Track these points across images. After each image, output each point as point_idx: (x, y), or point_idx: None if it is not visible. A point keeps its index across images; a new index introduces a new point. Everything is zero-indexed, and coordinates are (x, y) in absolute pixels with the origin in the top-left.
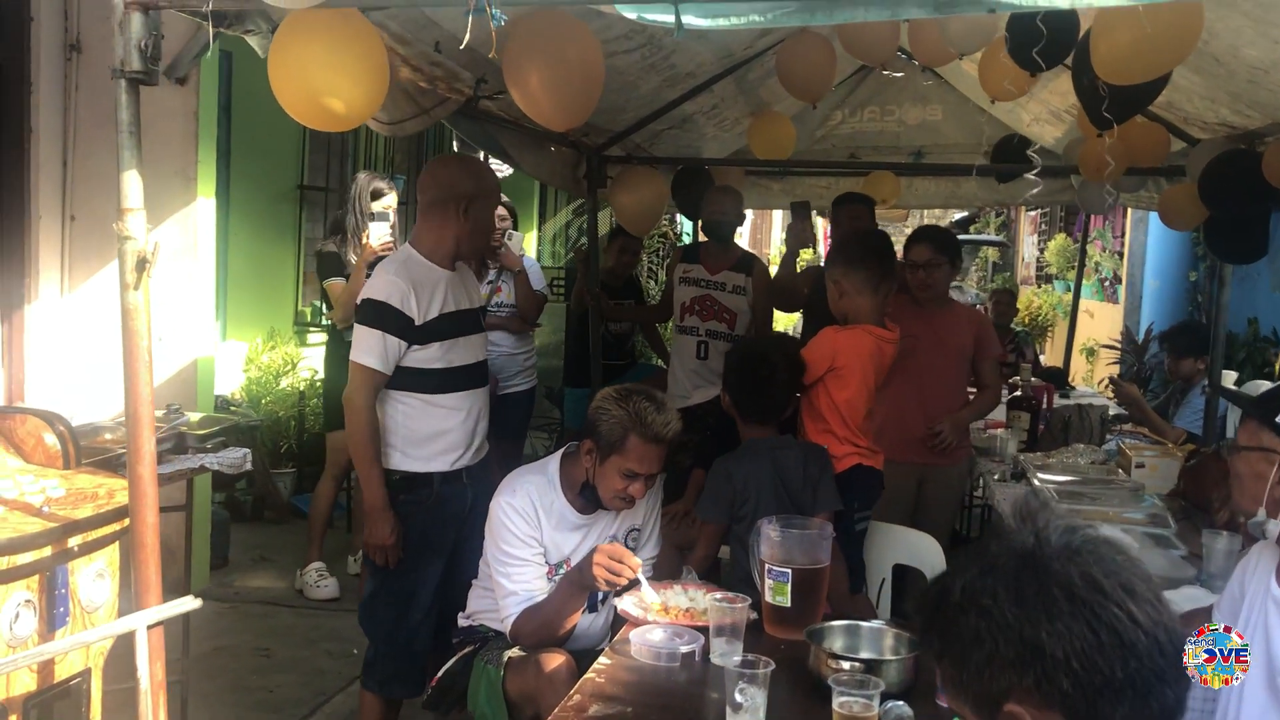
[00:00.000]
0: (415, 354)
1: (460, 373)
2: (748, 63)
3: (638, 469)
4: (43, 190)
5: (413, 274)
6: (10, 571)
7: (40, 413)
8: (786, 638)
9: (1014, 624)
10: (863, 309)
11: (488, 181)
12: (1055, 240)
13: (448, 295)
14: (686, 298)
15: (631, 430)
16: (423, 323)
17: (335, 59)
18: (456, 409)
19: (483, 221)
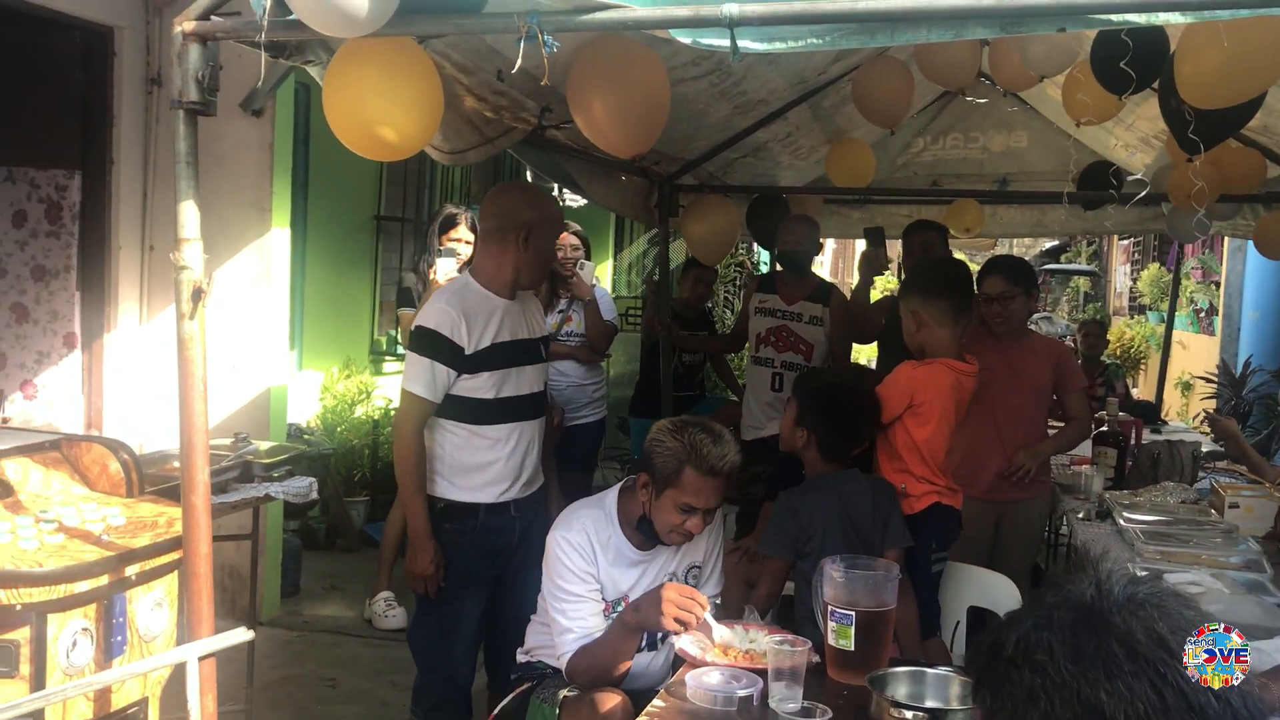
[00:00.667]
0: (465, 383)
1: (512, 404)
2: (823, 89)
3: (694, 503)
4: (123, 221)
5: (466, 303)
6: (67, 600)
7: (106, 440)
8: (849, 683)
9: (1070, 682)
10: (941, 341)
11: (549, 210)
12: (1148, 270)
13: (503, 325)
14: (762, 328)
15: (686, 463)
16: (473, 352)
17: (387, 88)
18: (504, 440)
19: (543, 251)
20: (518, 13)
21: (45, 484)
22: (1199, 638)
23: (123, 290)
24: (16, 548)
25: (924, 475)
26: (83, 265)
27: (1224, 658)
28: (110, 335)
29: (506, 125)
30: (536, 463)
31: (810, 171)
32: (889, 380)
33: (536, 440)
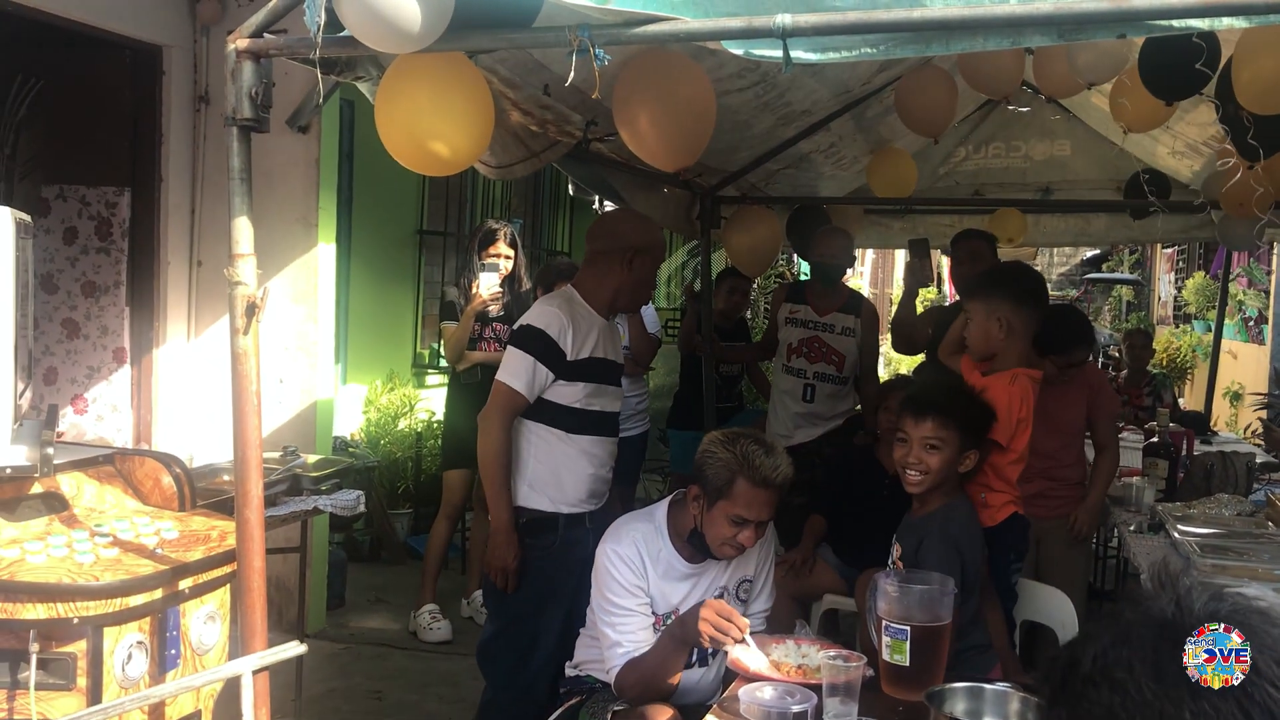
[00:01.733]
0: (559, 389)
1: (598, 418)
2: (866, 99)
3: (746, 515)
4: (172, 237)
5: (574, 311)
6: (123, 613)
7: (158, 455)
8: (904, 698)
9: (1153, 701)
10: (1022, 350)
11: (655, 238)
12: (1194, 278)
13: (599, 341)
14: (794, 339)
15: (739, 474)
16: (574, 359)
17: (440, 103)
18: (589, 453)
19: (645, 276)
20: (569, 27)
21: (100, 498)
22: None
23: (171, 305)
24: (73, 561)
25: (1002, 486)
26: (132, 281)
27: (1224, 658)
28: (159, 350)
29: (552, 139)
30: (609, 480)
31: (852, 182)
32: (996, 403)
33: (612, 459)
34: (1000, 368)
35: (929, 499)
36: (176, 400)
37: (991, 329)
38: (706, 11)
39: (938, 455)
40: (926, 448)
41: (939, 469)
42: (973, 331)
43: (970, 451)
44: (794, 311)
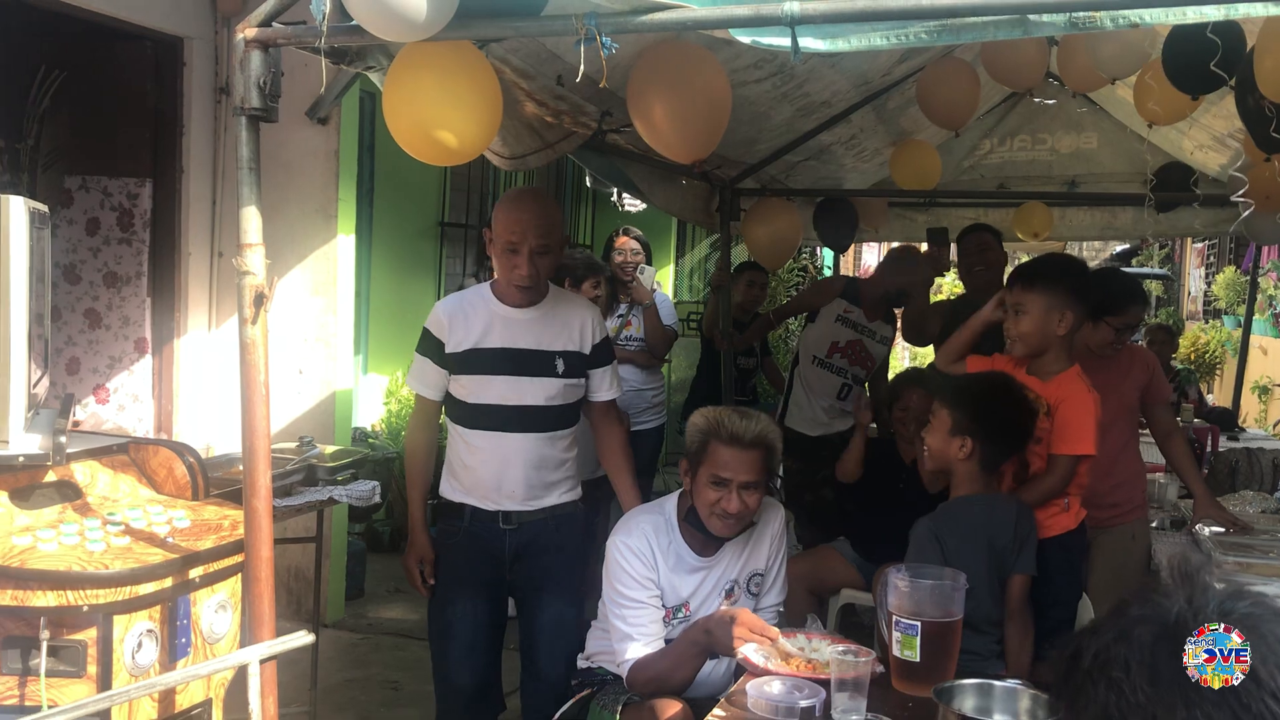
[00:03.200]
0: (454, 383)
1: (495, 411)
2: (886, 91)
3: (722, 474)
4: (193, 228)
5: (464, 303)
6: (133, 601)
7: (172, 444)
8: (914, 694)
9: (1146, 705)
10: (1069, 346)
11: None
12: (1224, 273)
13: (496, 330)
14: (841, 339)
15: (711, 436)
16: (453, 351)
17: (447, 92)
18: (481, 448)
19: (499, 253)
20: (575, 15)
21: (113, 486)
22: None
23: (192, 296)
24: (84, 549)
25: (1077, 491)
26: (153, 271)
27: (1224, 658)
28: (180, 340)
29: (567, 130)
30: (537, 481)
31: (874, 174)
32: (1080, 421)
33: (528, 456)
34: (1052, 367)
35: (955, 494)
36: (197, 390)
37: (1052, 322)
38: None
39: (930, 432)
40: (924, 421)
41: (933, 446)
42: (1028, 325)
43: (964, 438)
44: (848, 311)
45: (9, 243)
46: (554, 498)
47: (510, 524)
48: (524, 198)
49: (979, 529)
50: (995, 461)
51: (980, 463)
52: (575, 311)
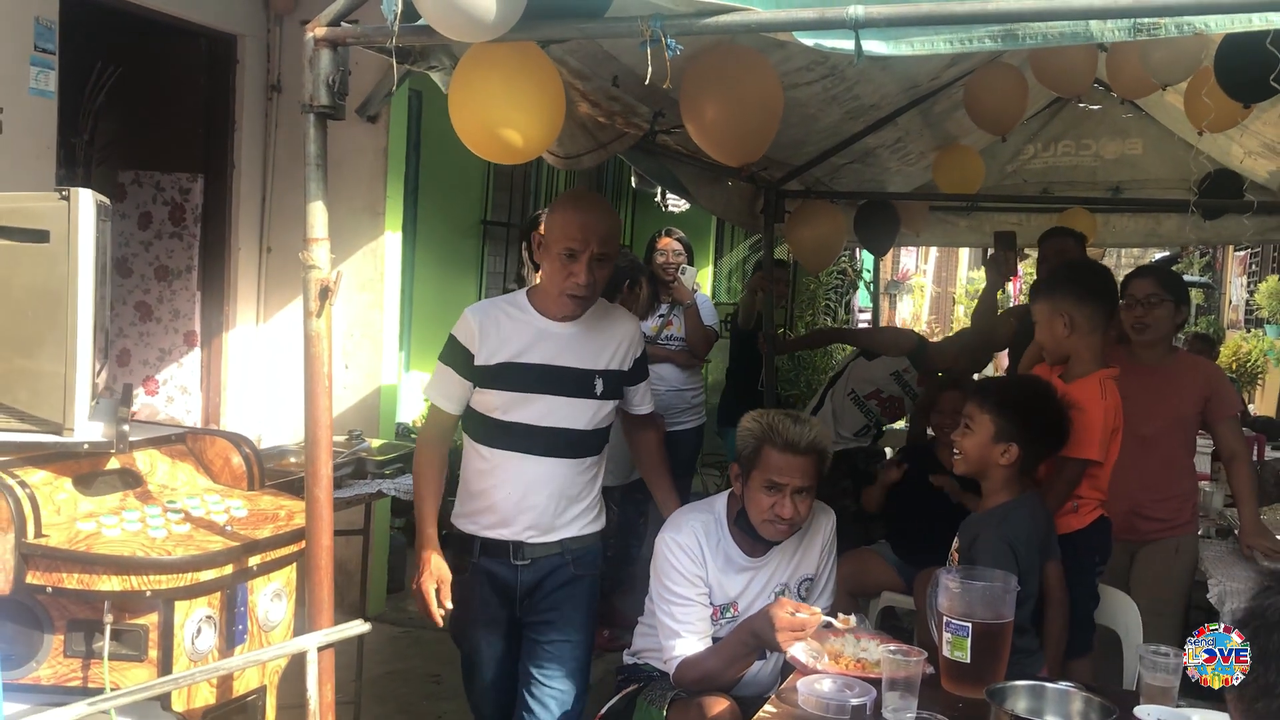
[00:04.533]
0: (479, 397)
1: (526, 431)
2: (934, 94)
3: (777, 479)
4: (242, 223)
5: (496, 312)
6: (193, 588)
7: (228, 434)
8: (964, 695)
9: None
10: (1092, 348)
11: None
12: (1267, 282)
13: (532, 344)
14: (887, 391)
15: (765, 441)
16: (483, 364)
17: (513, 92)
18: (499, 469)
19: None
20: (640, 17)
21: (172, 475)
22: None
23: (241, 290)
24: (146, 536)
25: (1091, 491)
26: (204, 266)
27: (1224, 658)
28: (229, 334)
29: (619, 130)
30: (559, 511)
31: (917, 178)
32: (1087, 427)
33: (555, 483)
34: (1078, 370)
35: (992, 496)
36: (245, 383)
37: (1056, 327)
38: (778, 2)
39: (970, 437)
40: (963, 426)
41: (971, 451)
42: (1039, 333)
43: (1008, 444)
44: (906, 371)
45: (78, 234)
46: (574, 529)
47: (523, 559)
48: (587, 200)
49: (1035, 533)
50: (1033, 465)
51: (1020, 467)
52: (617, 327)
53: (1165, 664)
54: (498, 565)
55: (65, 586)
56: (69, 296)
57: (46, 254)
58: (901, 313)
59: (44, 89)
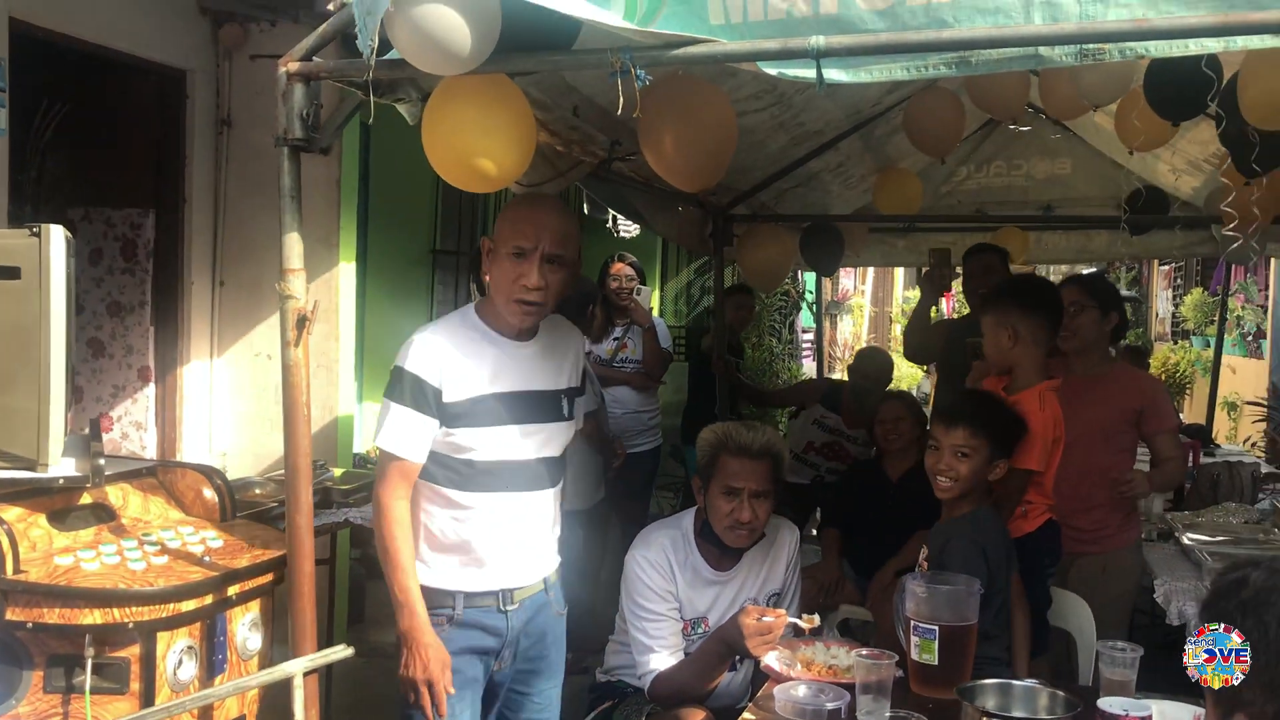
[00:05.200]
0: (448, 438)
1: (512, 469)
2: (875, 119)
3: (733, 484)
4: (195, 257)
5: (455, 337)
6: (174, 618)
7: (199, 467)
8: (933, 696)
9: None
10: (1036, 361)
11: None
12: (1191, 294)
13: (499, 371)
14: (818, 440)
15: (720, 449)
16: (453, 400)
17: (486, 123)
18: (487, 510)
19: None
20: (611, 49)
21: (144, 509)
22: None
23: (195, 324)
24: (126, 569)
25: (1037, 496)
26: (157, 301)
27: (1224, 658)
28: (184, 368)
29: (577, 158)
30: (545, 546)
31: (858, 200)
32: (1027, 439)
33: (541, 518)
34: (1021, 382)
35: (957, 505)
36: (200, 417)
37: (1001, 339)
38: (742, 34)
39: (966, 463)
40: (957, 455)
41: (968, 476)
42: (985, 345)
43: (1000, 461)
44: (824, 417)
45: (50, 272)
46: (552, 562)
47: (513, 604)
48: (540, 199)
49: (1001, 539)
50: None
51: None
52: (568, 339)
53: (1123, 659)
54: (486, 616)
55: (46, 622)
56: (41, 333)
57: (17, 291)
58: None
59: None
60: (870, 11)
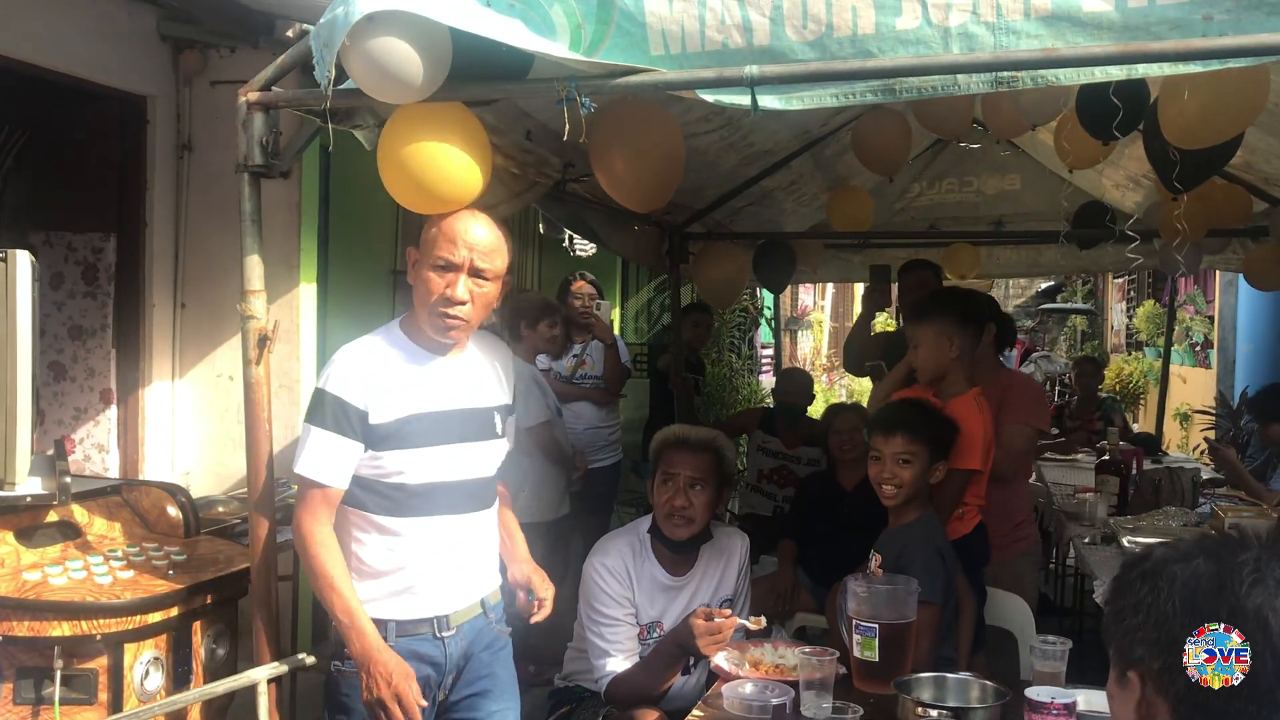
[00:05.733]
0: (376, 462)
1: (444, 491)
2: (824, 139)
3: (669, 470)
4: (157, 280)
5: (377, 355)
6: (141, 630)
7: (163, 485)
8: (875, 692)
9: (1171, 617)
10: (967, 369)
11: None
12: (1144, 306)
13: (427, 388)
14: (765, 467)
15: (663, 445)
16: (381, 422)
17: (442, 148)
18: (418, 536)
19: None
20: (558, 79)
21: (109, 526)
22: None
23: (156, 346)
24: (93, 583)
25: (971, 499)
26: (118, 323)
27: (1224, 658)
28: (145, 390)
29: (532, 180)
30: (481, 569)
31: (812, 217)
32: (968, 440)
33: (475, 542)
34: (951, 390)
35: (905, 511)
36: (163, 438)
37: (943, 348)
38: (681, 64)
39: (909, 468)
40: (899, 462)
41: (912, 481)
42: (923, 354)
43: (939, 464)
44: (765, 442)
45: (16, 296)
46: (490, 584)
47: (449, 630)
48: (468, 214)
49: (946, 539)
50: None
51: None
52: (496, 354)
53: (1053, 652)
54: (421, 644)
55: (15, 635)
56: (8, 355)
57: None
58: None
59: None
60: (800, 43)
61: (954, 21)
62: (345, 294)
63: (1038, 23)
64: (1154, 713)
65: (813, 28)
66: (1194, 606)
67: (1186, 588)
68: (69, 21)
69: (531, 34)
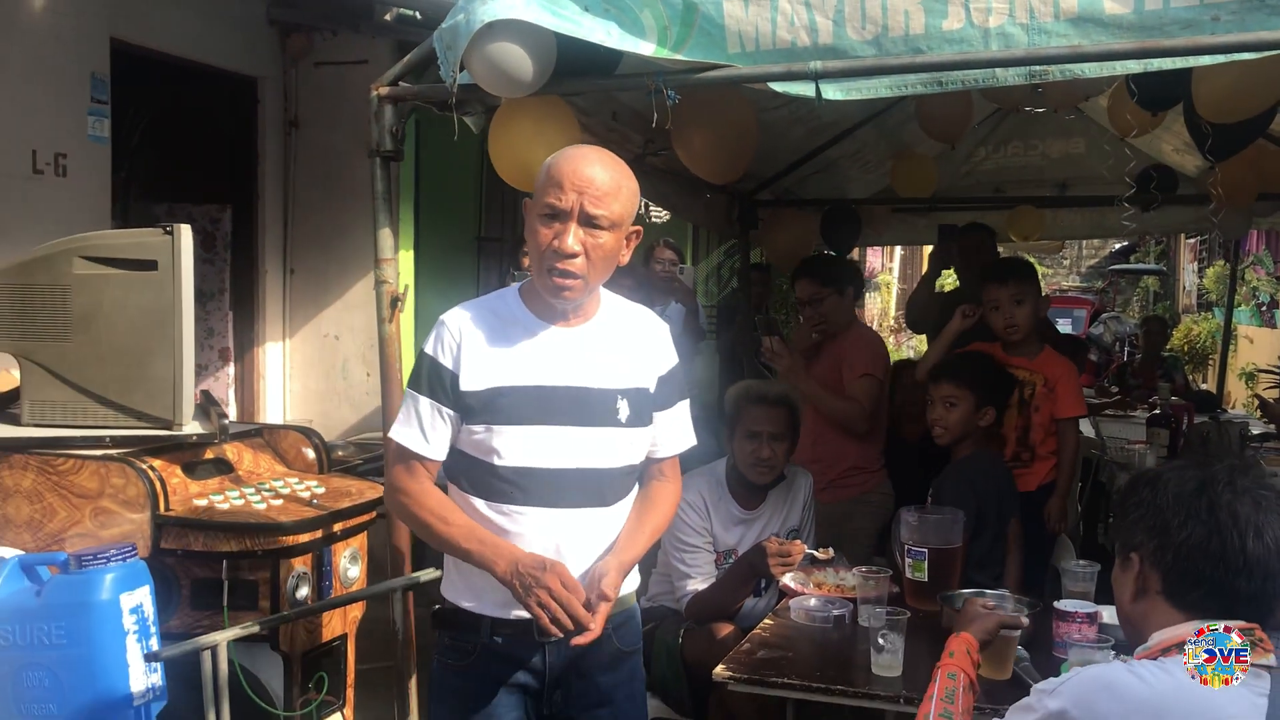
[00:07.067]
0: (470, 436)
1: (544, 478)
2: (889, 109)
3: (753, 428)
4: (268, 248)
5: (481, 316)
6: (294, 548)
7: (299, 428)
8: (924, 608)
9: (1164, 509)
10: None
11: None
12: (1214, 267)
13: (531, 359)
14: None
15: (742, 399)
16: (470, 389)
17: (541, 134)
18: (522, 530)
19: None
20: (647, 74)
21: (256, 463)
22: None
23: (269, 309)
24: (252, 508)
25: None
26: (234, 288)
27: (1224, 658)
28: (260, 349)
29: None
30: (594, 570)
31: (877, 183)
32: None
33: (586, 540)
34: (1032, 349)
35: (959, 449)
36: (276, 393)
37: (1026, 309)
38: (754, 60)
39: (955, 411)
40: (946, 405)
41: (957, 423)
42: (1005, 314)
43: (987, 408)
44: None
45: (182, 264)
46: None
47: (548, 636)
48: (580, 149)
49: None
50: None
51: (992, 425)
52: (644, 330)
53: (1084, 574)
54: (517, 648)
55: (192, 549)
56: (175, 314)
57: (155, 280)
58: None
59: (100, 135)
60: (859, 41)
61: (993, 23)
62: (435, 260)
63: (1066, 23)
64: (1149, 583)
65: (870, 28)
66: (1182, 501)
67: (1177, 488)
68: (186, 9)
69: (624, 34)
